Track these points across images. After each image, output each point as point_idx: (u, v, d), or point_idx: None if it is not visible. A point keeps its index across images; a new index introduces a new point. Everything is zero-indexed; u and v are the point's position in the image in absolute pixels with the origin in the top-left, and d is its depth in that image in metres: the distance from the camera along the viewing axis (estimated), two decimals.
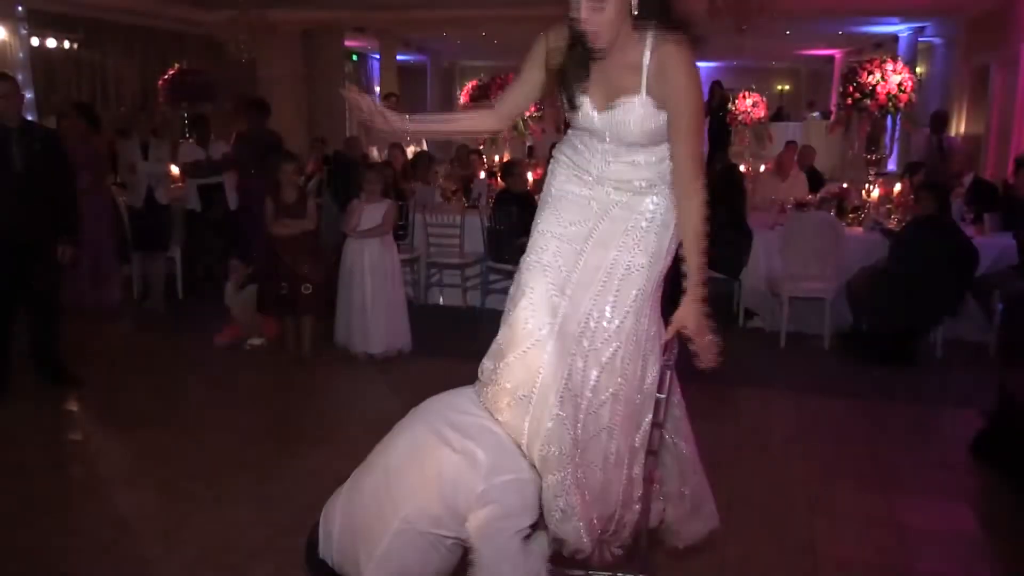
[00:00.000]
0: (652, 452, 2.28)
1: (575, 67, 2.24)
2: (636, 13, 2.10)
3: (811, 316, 5.94)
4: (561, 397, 2.21)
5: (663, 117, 2.19)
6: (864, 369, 5.41)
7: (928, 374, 5.37)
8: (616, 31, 2.12)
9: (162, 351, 5.80)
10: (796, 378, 5.27)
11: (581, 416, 2.26)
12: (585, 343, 2.27)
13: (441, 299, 7.02)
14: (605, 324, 2.28)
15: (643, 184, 2.29)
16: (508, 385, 2.25)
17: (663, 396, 2.26)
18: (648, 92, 2.16)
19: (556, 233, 2.36)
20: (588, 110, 2.26)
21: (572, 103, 2.29)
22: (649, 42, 2.14)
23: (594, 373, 2.28)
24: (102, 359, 5.46)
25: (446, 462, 2.11)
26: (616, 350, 2.28)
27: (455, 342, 5.53)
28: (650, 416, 2.31)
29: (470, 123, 2.58)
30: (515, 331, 2.30)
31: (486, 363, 2.37)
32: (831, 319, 5.79)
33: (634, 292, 2.28)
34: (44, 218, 4.58)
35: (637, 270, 2.28)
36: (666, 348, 2.31)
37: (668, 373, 2.26)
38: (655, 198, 2.29)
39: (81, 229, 4.93)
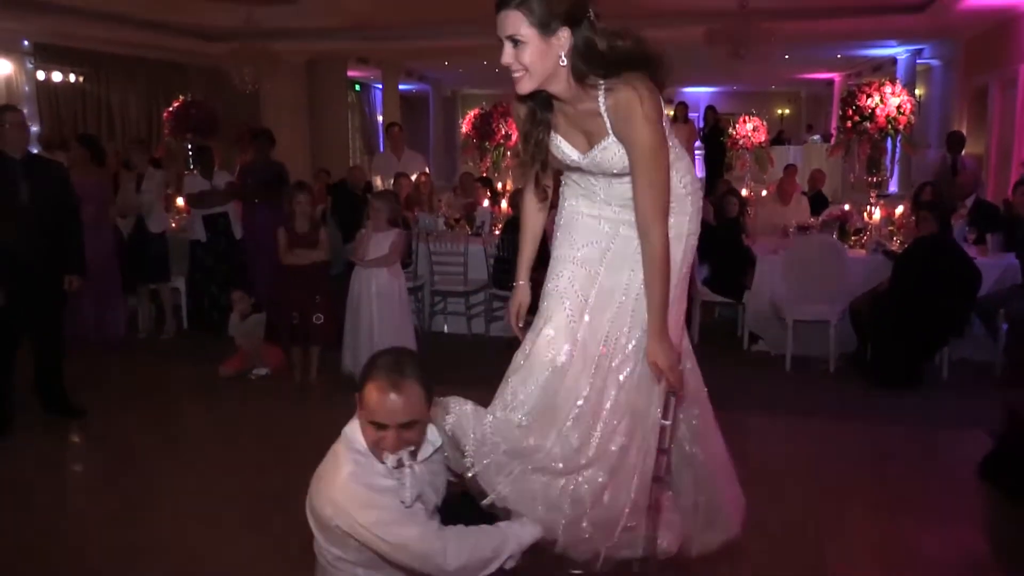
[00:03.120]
0: (658, 479, 2.28)
1: (544, 112, 2.26)
2: (564, 63, 2.08)
3: (816, 339, 5.93)
4: (575, 419, 2.23)
5: None
6: (870, 392, 5.40)
7: (935, 396, 5.35)
8: (543, 76, 2.10)
9: (166, 381, 5.80)
10: (802, 401, 5.26)
11: (597, 435, 2.26)
12: (604, 365, 2.28)
13: (445, 327, 7.03)
14: (623, 343, 2.30)
15: None
16: (528, 410, 2.27)
17: (668, 423, 2.26)
18: (614, 133, 2.17)
19: (570, 257, 2.38)
20: (570, 152, 2.29)
21: (555, 153, 2.31)
22: (601, 90, 2.13)
23: (611, 393, 2.29)
24: (106, 390, 5.46)
25: None
26: (633, 370, 2.29)
27: (459, 370, 5.51)
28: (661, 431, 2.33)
29: (538, 223, 2.58)
30: (536, 359, 2.31)
31: (508, 390, 2.37)
32: (836, 342, 5.78)
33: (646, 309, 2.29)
34: (50, 249, 4.61)
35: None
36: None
37: (672, 399, 2.26)
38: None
39: (85, 259, 4.96)
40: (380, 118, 17.50)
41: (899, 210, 6.92)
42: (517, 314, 2.57)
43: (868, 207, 6.94)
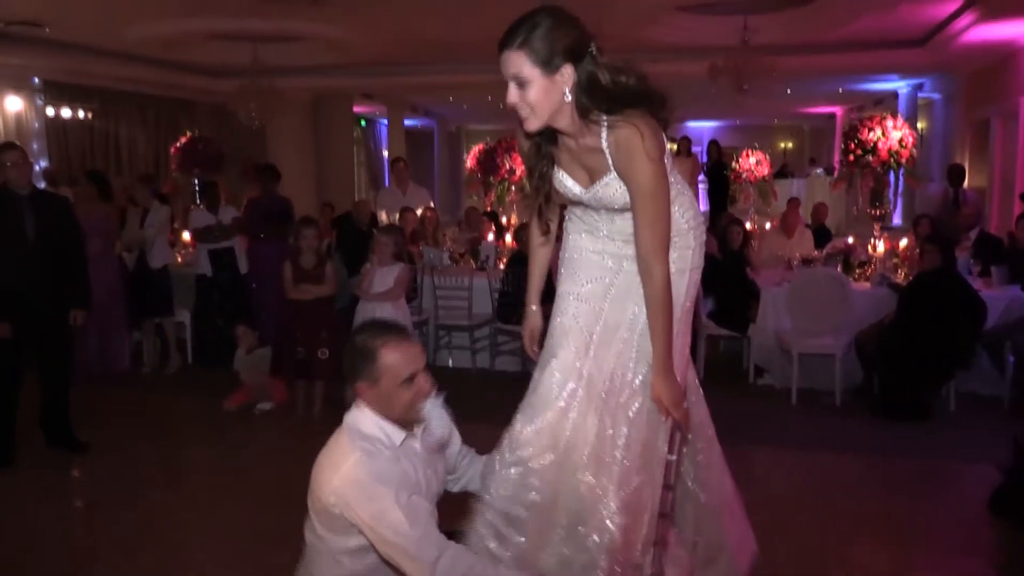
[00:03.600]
0: (663, 514, 2.26)
1: (548, 146, 2.29)
2: (569, 99, 2.10)
3: (822, 372, 5.91)
4: (587, 459, 2.22)
5: None
6: (877, 425, 5.36)
7: (942, 429, 5.31)
8: (549, 113, 2.12)
9: (171, 416, 5.80)
10: (808, 435, 5.23)
11: (614, 474, 2.26)
12: (611, 401, 2.28)
13: (450, 361, 7.01)
14: (629, 379, 2.29)
15: None
16: (539, 449, 2.26)
17: (673, 458, 2.25)
18: (616, 170, 2.18)
19: (574, 293, 2.39)
20: (572, 187, 2.31)
21: (558, 187, 2.34)
22: (604, 128, 2.15)
23: (623, 430, 2.28)
24: (110, 423, 5.46)
25: None
26: (641, 405, 2.29)
27: (464, 404, 5.47)
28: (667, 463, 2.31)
29: (546, 252, 2.62)
30: (543, 397, 2.31)
31: (516, 428, 2.37)
32: (842, 375, 5.76)
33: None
34: (56, 284, 4.63)
35: None
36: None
37: (677, 434, 2.25)
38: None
39: (91, 294, 4.98)
40: (385, 153, 17.65)
41: (903, 243, 6.94)
42: (531, 339, 2.61)
43: (872, 240, 6.95)
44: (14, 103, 10.41)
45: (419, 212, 8.22)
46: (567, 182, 2.31)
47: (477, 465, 2.57)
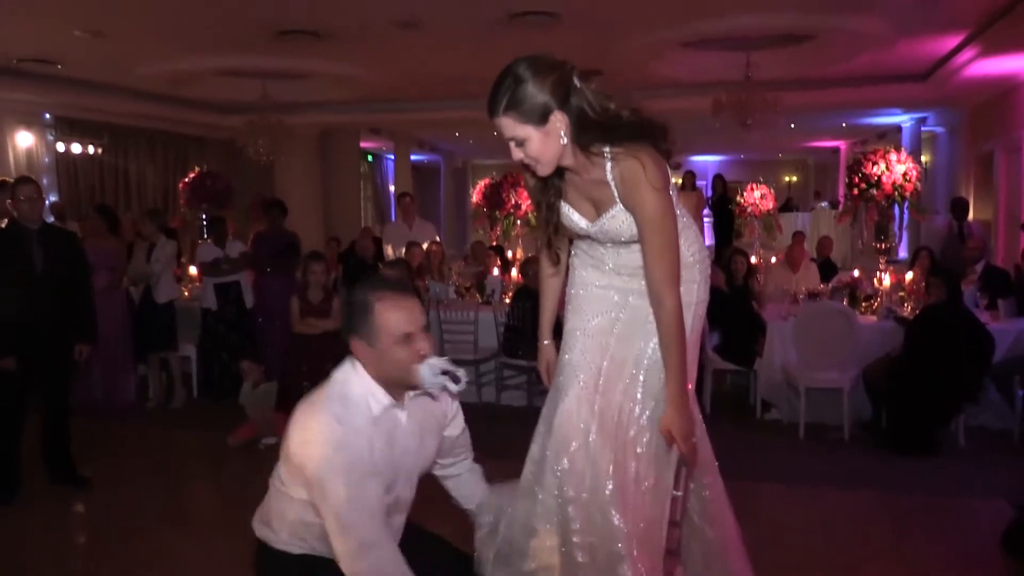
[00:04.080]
0: (670, 551, 2.24)
1: (554, 179, 2.30)
2: (565, 141, 2.12)
3: (829, 407, 5.87)
4: (611, 497, 2.21)
5: None
6: (886, 460, 5.31)
7: (952, 464, 5.25)
8: (555, 157, 2.15)
9: (175, 450, 5.78)
10: (816, 470, 5.17)
11: (629, 510, 2.25)
12: (620, 436, 2.27)
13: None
14: (636, 414, 2.29)
15: None
16: (569, 495, 2.26)
17: (679, 494, 2.23)
18: (622, 202, 2.20)
19: (580, 329, 2.40)
20: (579, 221, 2.32)
21: (564, 222, 2.36)
22: (608, 160, 2.17)
23: (632, 465, 2.27)
24: (114, 458, 5.44)
25: None
26: (649, 440, 2.28)
27: (471, 439, 5.47)
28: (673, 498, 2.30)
29: (556, 286, 2.61)
30: (557, 436, 2.31)
31: (528, 474, 2.37)
32: (850, 409, 5.72)
33: (661, 382, 2.28)
34: (62, 318, 4.65)
35: (660, 358, 2.28)
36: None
37: (683, 470, 2.24)
38: None
39: (97, 328, 5.00)
40: (392, 188, 17.76)
41: (909, 276, 6.93)
42: (547, 372, 2.60)
43: (878, 273, 6.94)
44: (25, 138, 10.54)
45: (425, 246, 8.26)
46: (573, 216, 2.33)
47: (474, 478, 2.54)
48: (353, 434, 2.04)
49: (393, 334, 2.05)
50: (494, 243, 9.22)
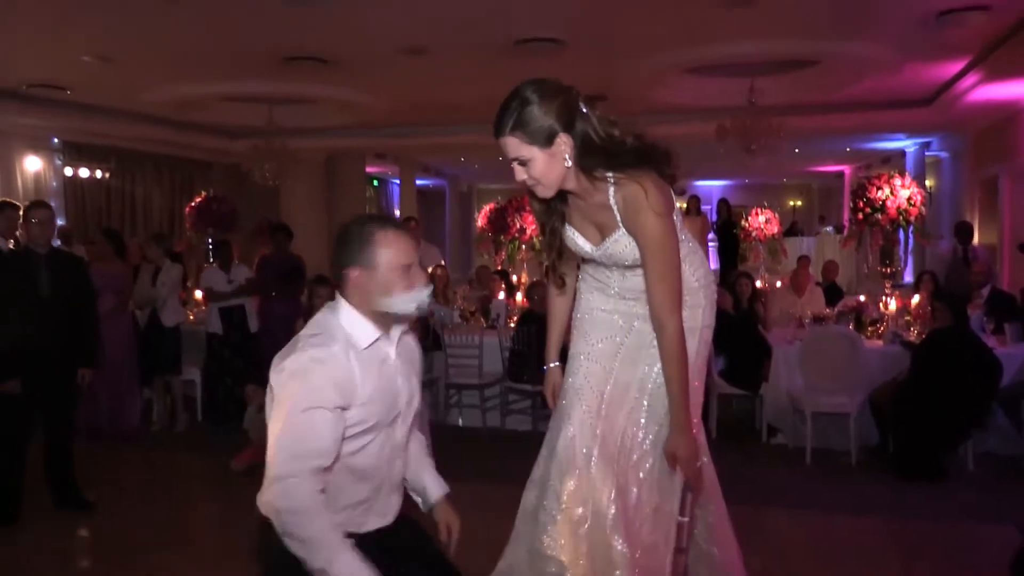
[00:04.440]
0: None
1: (558, 203, 2.32)
2: (569, 164, 2.14)
3: (836, 431, 5.84)
4: (613, 522, 2.20)
5: None
6: (894, 486, 5.27)
7: (961, 489, 5.21)
8: (558, 180, 2.17)
9: (178, 474, 5.76)
10: (823, 496, 5.13)
11: (632, 535, 2.23)
12: (623, 461, 2.26)
13: (460, 420, 6.97)
14: (640, 439, 2.28)
15: None
16: (567, 517, 2.24)
17: (685, 520, 2.22)
18: (624, 227, 2.21)
19: (585, 353, 2.40)
20: (584, 245, 2.34)
21: (568, 245, 2.37)
22: (611, 185, 2.18)
23: (634, 491, 2.26)
24: (118, 482, 5.42)
25: None
26: (652, 465, 2.27)
27: (475, 464, 5.45)
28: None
29: (564, 308, 2.62)
30: (560, 460, 2.30)
31: (531, 497, 2.36)
32: (857, 434, 5.68)
33: (664, 407, 2.28)
34: (66, 342, 4.66)
35: (664, 383, 2.28)
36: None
37: (688, 495, 2.23)
38: None
39: (102, 352, 5.00)
40: (397, 212, 17.82)
41: (915, 300, 6.91)
42: (553, 395, 2.60)
43: (883, 297, 6.93)
44: (33, 163, 10.63)
45: (429, 270, 8.27)
46: (578, 240, 2.34)
47: (418, 447, 2.44)
48: (330, 364, 2.01)
49: (393, 264, 2.06)
50: (499, 267, 9.24)
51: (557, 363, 2.64)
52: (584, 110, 2.13)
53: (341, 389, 1.99)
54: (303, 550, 1.94)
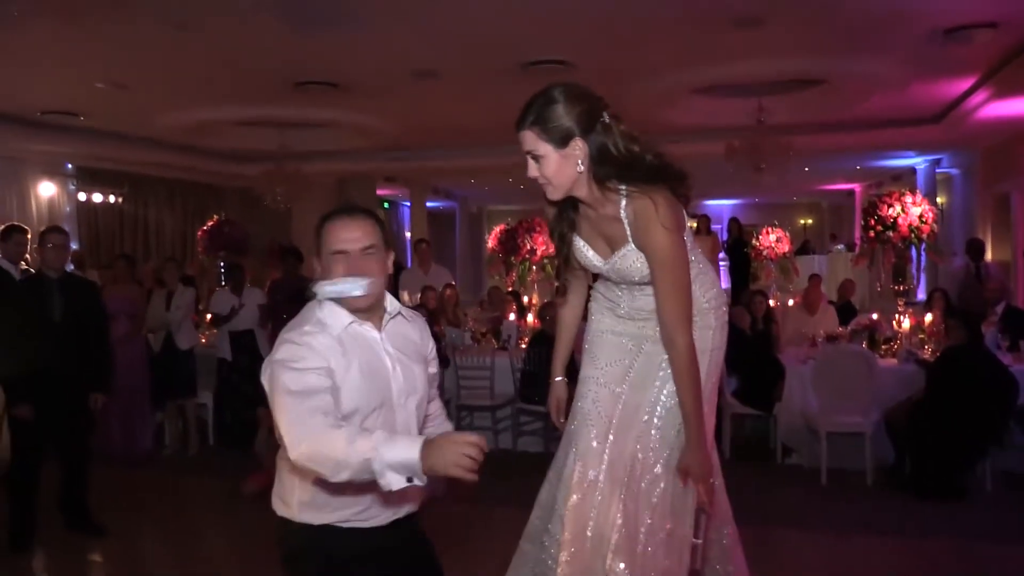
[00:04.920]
0: None
1: (570, 211, 2.33)
2: (582, 170, 2.16)
3: (851, 451, 5.78)
4: (616, 546, 2.18)
5: None
6: (911, 505, 5.21)
7: (979, 509, 5.15)
8: (568, 183, 2.18)
9: (190, 498, 5.75)
10: (839, 516, 5.08)
11: (638, 560, 2.20)
12: (633, 487, 2.24)
13: None
14: (651, 463, 2.26)
15: None
16: (566, 537, 2.22)
17: (699, 542, 2.20)
18: (634, 241, 2.21)
19: (594, 377, 2.39)
20: (593, 258, 2.34)
21: (579, 257, 2.37)
22: (623, 198, 2.19)
23: (647, 516, 2.23)
24: (130, 506, 5.42)
25: None
26: (664, 489, 2.25)
27: (486, 485, 5.41)
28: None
29: (574, 319, 2.63)
30: (566, 483, 2.29)
31: (535, 519, 2.35)
32: (872, 454, 5.63)
33: (675, 430, 2.26)
34: (79, 366, 4.67)
35: (675, 405, 2.26)
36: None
37: (703, 516, 2.20)
38: None
39: (115, 376, 5.01)
40: (408, 234, 17.87)
41: (928, 318, 6.86)
42: (557, 409, 2.60)
43: (897, 315, 6.89)
44: (47, 188, 10.73)
45: (439, 290, 8.27)
46: (588, 253, 2.34)
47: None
48: (305, 341, 2.04)
49: (328, 251, 2.10)
50: (510, 288, 9.23)
51: (562, 377, 2.63)
52: (608, 121, 2.16)
53: (322, 356, 2.01)
54: (353, 474, 1.89)
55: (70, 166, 11.13)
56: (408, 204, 17.84)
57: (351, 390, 2.05)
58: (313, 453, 1.89)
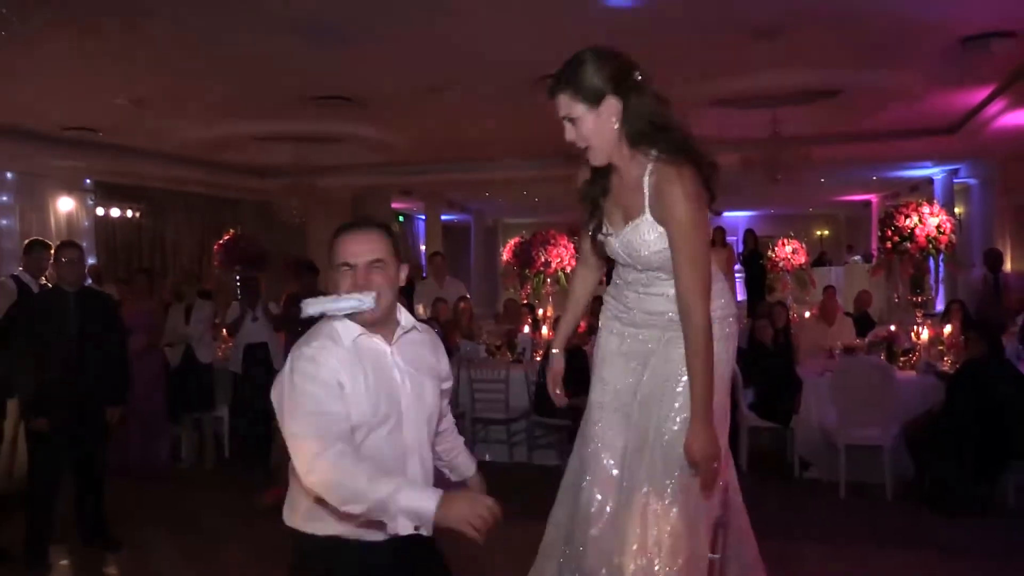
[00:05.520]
0: None
1: (599, 179, 2.33)
2: (617, 126, 2.17)
3: (870, 464, 5.72)
4: (633, 573, 2.16)
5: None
6: (932, 520, 5.15)
7: (1002, 524, 5.08)
8: (607, 146, 2.20)
9: (205, 511, 5.76)
10: (859, 530, 5.03)
11: None
12: (649, 514, 2.22)
13: (487, 455, 6.92)
14: (663, 484, 2.24)
15: (672, 312, 2.29)
16: (589, 566, 2.22)
17: (716, 556, 2.18)
18: (651, 212, 2.20)
19: (603, 403, 2.41)
20: (607, 233, 2.34)
21: (599, 229, 2.37)
22: (651, 163, 2.19)
23: (665, 541, 2.21)
24: (145, 519, 5.43)
25: None
26: (679, 511, 2.22)
27: (501, 499, 5.39)
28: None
29: (585, 293, 2.65)
30: (584, 512, 2.28)
31: (551, 535, 2.34)
32: (892, 467, 5.57)
33: (681, 448, 2.25)
34: (96, 380, 4.70)
35: (683, 422, 2.25)
36: (721, 507, 2.25)
37: (720, 531, 2.18)
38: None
39: (132, 390, 5.04)
40: (423, 248, 17.92)
41: (947, 329, 6.79)
42: (554, 381, 2.61)
43: (915, 327, 6.82)
44: (66, 203, 10.84)
45: (452, 303, 8.27)
46: (605, 228, 2.35)
47: (460, 443, 2.49)
48: (315, 355, 2.04)
49: (336, 263, 2.11)
50: (524, 301, 9.23)
51: (560, 351, 2.64)
52: (639, 78, 2.18)
53: (333, 372, 2.02)
54: (365, 509, 1.91)
55: (89, 181, 11.25)
56: (423, 218, 17.91)
57: (358, 402, 2.04)
58: (330, 481, 1.90)
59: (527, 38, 6.28)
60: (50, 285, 5.32)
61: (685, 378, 2.24)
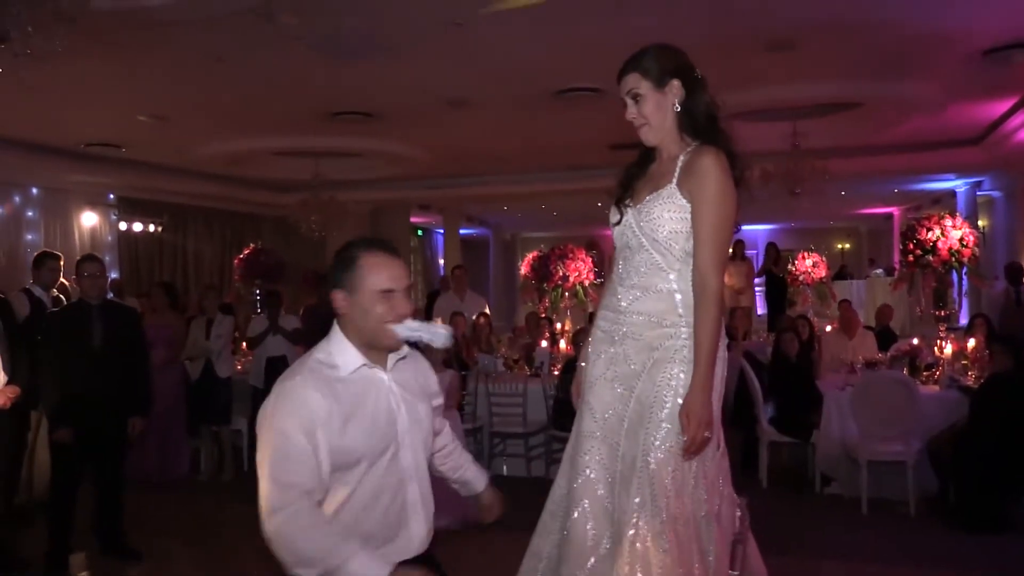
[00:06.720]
0: None
1: (643, 164, 2.45)
2: (678, 108, 2.32)
3: (893, 480, 5.64)
4: None
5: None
6: (956, 537, 5.06)
7: None
8: (662, 127, 2.33)
9: (224, 523, 5.77)
10: (881, 548, 4.95)
11: None
12: (638, 545, 2.20)
13: (505, 469, 6.89)
14: (652, 515, 2.22)
15: (667, 322, 2.29)
16: None
17: (736, 573, 2.15)
18: (678, 184, 2.27)
19: (589, 432, 2.39)
20: (627, 204, 2.39)
21: (622, 200, 2.42)
22: (691, 145, 2.32)
23: (658, 567, 2.18)
24: (164, 530, 5.45)
25: None
26: (673, 539, 2.20)
27: (519, 513, 5.36)
28: None
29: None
30: (577, 544, 2.27)
31: (528, 568, 2.33)
32: (915, 483, 5.49)
33: (669, 478, 2.22)
34: (118, 392, 4.73)
35: (668, 450, 2.24)
36: (739, 523, 2.22)
37: (740, 547, 2.16)
38: (674, 368, 2.26)
39: (153, 402, 5.07)
40: (442, 262, 17.97)
41: (971, 343, 6.70)
42: (578, 392, 2.60)
43: (939, 341, 6.74)
44: (90, 218, 10.99)
45: (473, 318, 8.28)
46: (626, 203, 2.41)
47: (462, 452, 2.55)
48: (293, 395, 2.00)
49: (373, 289, 2.04)
50: (543, 315, 9.21)
51: (587, 363, 2.59)
52: (699, 76, 2.36)
53: (306, 418, 1.97)
54: (317, 570, 1.93)
55: (112, 196, 11.39)
56: (442, 232, 17.96)
57: (355, 438, 2.02)
58: (287, 534, 1.94)
59: (545, 52, 6.30)
60: (63, 298, 5.37)
61: (670, 403, 2.24)
